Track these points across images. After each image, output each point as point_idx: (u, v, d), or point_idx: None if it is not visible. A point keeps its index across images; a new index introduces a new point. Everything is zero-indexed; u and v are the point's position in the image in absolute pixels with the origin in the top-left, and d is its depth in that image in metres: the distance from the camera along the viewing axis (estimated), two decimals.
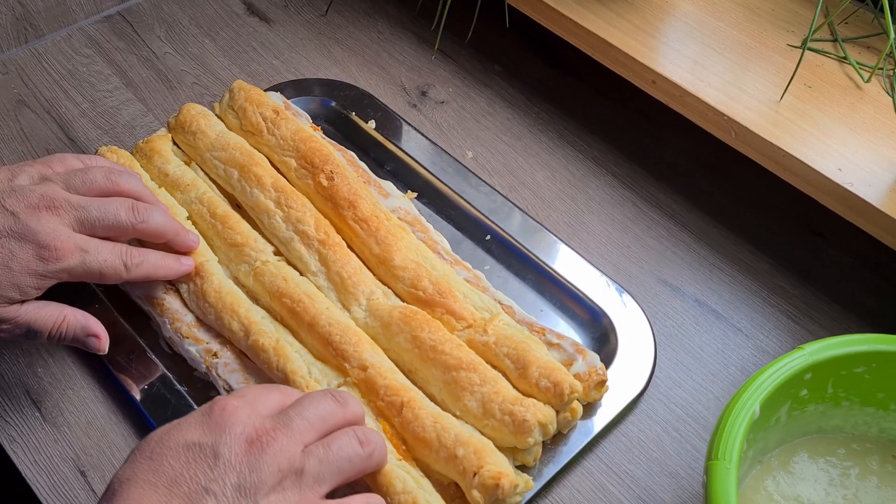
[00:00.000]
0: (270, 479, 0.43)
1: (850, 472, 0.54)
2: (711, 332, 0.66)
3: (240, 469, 0.42)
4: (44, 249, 0.52)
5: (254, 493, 0.42)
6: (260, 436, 0.44)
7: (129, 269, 0.56)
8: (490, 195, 0.72)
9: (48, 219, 0.53)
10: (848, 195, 0.62)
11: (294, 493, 0.43)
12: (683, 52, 0.72)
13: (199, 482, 0.42)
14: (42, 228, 0.52)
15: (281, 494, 0.43)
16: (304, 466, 0.44)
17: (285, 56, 0.85)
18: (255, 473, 0.43)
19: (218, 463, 0.42)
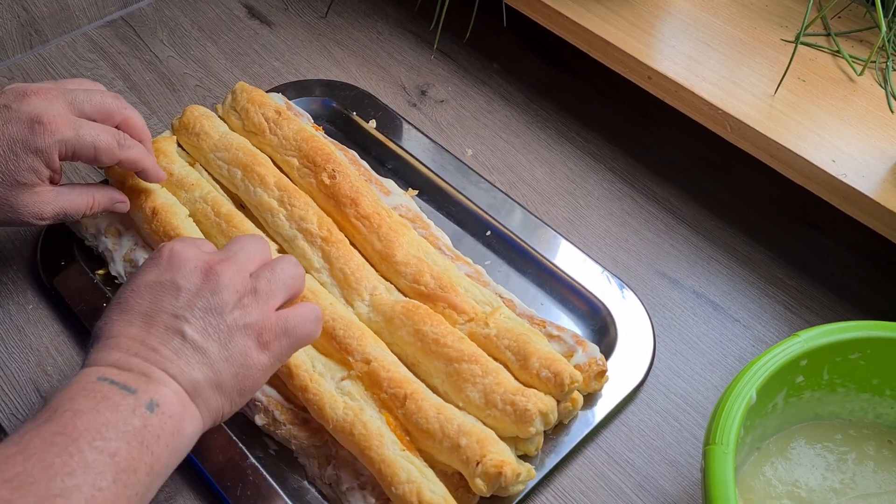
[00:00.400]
0: (232, 299, 0.49)
1: (847, 458, 0.55)
2: (709, 322, 0.67)
3: (202, 295, 0.48)
4: (38, 124, 0.55)
5: (220, 312, 0.48)
6: (212, 266, 0.50)
7: (122, 148, 0.59)
8: (490, 192, 0.73)
9: (38, 101, 0.57)
10: (841, 186, 0.63)
11: (254, 308, 0.50)
12: (679, 48, 0.73)
13: (169, 311, 0.48)
14: (33, 108, 0.56)
15: (243, 310, 0.49)
16: (256, 286, 0.50)
17: (286, 58, 0.86)
18: (217, 296, 0.49)
19: (181, 294, 0.48)
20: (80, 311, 0.64)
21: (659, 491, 0.58)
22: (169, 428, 0.45)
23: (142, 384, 0.45)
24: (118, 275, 0.66)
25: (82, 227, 0.67)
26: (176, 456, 0.46)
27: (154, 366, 0.46)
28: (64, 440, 0.41)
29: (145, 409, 0.44)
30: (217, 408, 0.48)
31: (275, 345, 0.50)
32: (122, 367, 0.46)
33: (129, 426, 0.43)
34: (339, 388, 0.57)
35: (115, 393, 0.44)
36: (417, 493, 0.52)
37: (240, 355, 0.48)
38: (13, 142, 0.55)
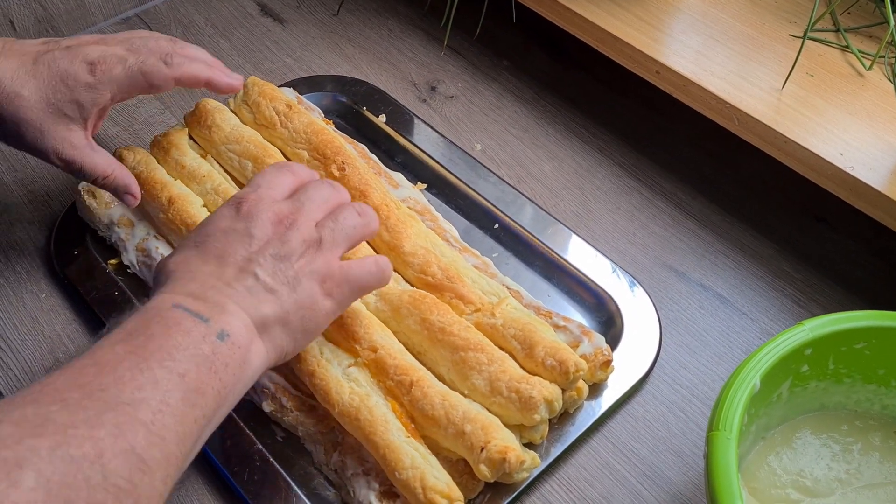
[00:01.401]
0: (299, 249, 0.52)
1: (853, 448, 0.55)
2: (716, 315, 0.67)
3: (272, 244, 0.51)
4: (93, 65, 0.59)
5: (288, 259, 0.51)
6: (282, 219, 0.53)
7: (171, 66, 0.62)
8: (498, 185, 0.73)
9: (95, 44, 0.60)
10: (849, 179, 0.63)
11: (318, 256, 0.52)
12: (687, 43, 0.73)
13: (242, 255, 0.50)
14: (92, 52, 0.60)
15: (309, 258, 0.52)
16: (321, 236, 0.53)
17: (298, 54, 0.87)
18: (286, 245, 0.51)
19: (253, 241, 0.51)
20: (93, 299, 0.65)
21: (664, 480, 0.58)
22: (237, 358, 0.47)
23: (214, 314, 0.47)
24: (130, 264, 0.67)
25: (95, 218, 0.68)
26: (241, 385, 0.48)
27: (228, 299, 0.48)
28: (135, 359, 0.43)
29: (216, 337, 0.46)
30: (282, 345, 0.51)
31: (337, 292, 0.53)
32: (198, 296, 0.48)
33: (199, 351, 0.45)
34: (345, 374, 0.57)
35: (187, 320, 0.46)
36: (421, 478, 0.52)
37: (306, 298, 0.51)
38: (68, 75, 0.58)
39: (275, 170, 0.56)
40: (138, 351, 0.43)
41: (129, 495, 0.39)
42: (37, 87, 0.58)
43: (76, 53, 0.59)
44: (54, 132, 0.59)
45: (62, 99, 0.58)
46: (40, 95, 0.58)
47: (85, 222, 0.70)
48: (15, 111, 0.57)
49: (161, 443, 0.41)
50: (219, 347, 0.46)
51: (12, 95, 0.57)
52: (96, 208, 0.68)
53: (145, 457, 0.40)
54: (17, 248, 0.70)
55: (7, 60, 0.58)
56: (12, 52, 0.58)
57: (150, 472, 0.40)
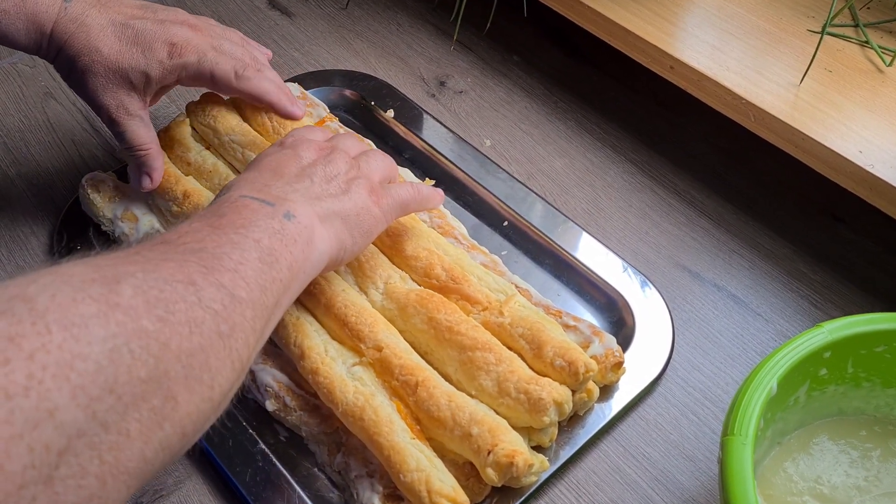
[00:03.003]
0: (343, 168, 0.56)
1: (872, 454, 0.54)
2: (731, 316, 0.65)
3: (319, 162, 0.55)
4: (174, 47, 0.62)
5: (335, 177, 0.55)
6: (323, 148, 0.57)
7: (240, 79, 0.64)
8: (508, 182, 0.72)
9: (187, 30, 0.63)
10: (869, 177, 0.62)
11: (361, 176, 0.56)
12: (702, 37, 0.72)
13: (295, 169, 0.54)
14: (178, 34, 0.62)
15: (353, 180, 0.55)
16: (359, 165, 0.57)
17: (306, 48, 0.86)
18: (332, 164, 0.55)
19: (303, 160, 0.55)
20: None
21: (675, 485, 0.56)
22: (304, 236, 0.49)
23: (280, 201, 0.50)
24: None
25: (98, 212, 0.67)
26: (310, 265, 0.50)
27: (290, 192, 0.52)
28: (210, 228, 0.45)
29: (282, 217, 0.49)
30: (342, 238, 0.53)
31: (384, 202, 0.56)
32: (261, 190, 0.51)
33: (269, 225, 0.47)
34: (350, 373, 0.56)
35: (254, 204, 0.49)
36: (426, 481, 0.51)
37: (360, 201, 0.54)
38: (148, 47, 0.61)
39: (305, 131, 0.60)
40: (213, 223, 0.46)
41: (225, 320, 0.40)
42: (117, 48, 0.60)
43: (164, 30, 0.62)
44: (115, 92, 0.61)
45: (134, 66, 0.61)
46: (117, 56, 0.60)
47: (88, 216, 0.69)
48: (90, 63, 0.60)
49: (246, 286, 0.43)
50: (286, 224, 0.48)
51: (92, 49, 0.60)
52: (100, 202, 0.67)
53: (234, 293, 0.41)
54: (20, 242, 0.69)
55: (101, 14, 0.61)
56: (109, 7, 0.61)
57: (241, 304, 0.42)
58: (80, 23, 0.60)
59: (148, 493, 0.56)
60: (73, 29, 0.60)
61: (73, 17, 0.60)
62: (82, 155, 0.76)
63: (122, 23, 0.61)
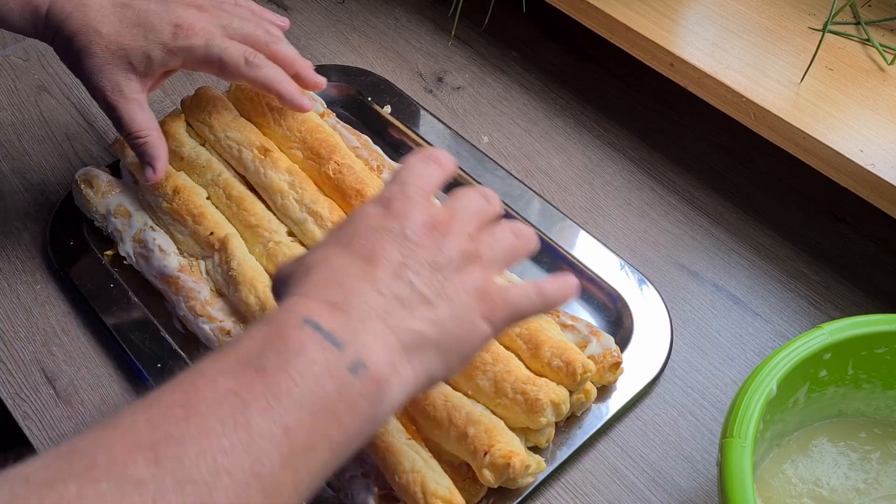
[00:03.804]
0: (456, 259, 0.45)
1: (871, 457, 0.53)
2: (729, 316, 0.65)
3: (428, 249, 0.44)
4: (179, 28, 0.58)
5: (443, 269, 0.44)
6: (437, 224, 0.45)
7: (250, 66, 0.60)
8: (506, 179, 0.71)
9: (194, 11, 0.60)
10: (870, 177, 0.61)
11: (478, 272, 0.45)
12: (702, 34, 0.71)
13: (395, 258, 0.43)
14: (185, 14, 0.59)
15: (467, 273, 0.45)
16: (478, 250, 0.46)
17: (302, 43, 0.85)
18: (443, 253, 0.44)
19: (406, 243, 0.44)
20: (88, 291, 0.64)
21: (673, 487, 0.56)
22: (370, 396, 0.39)
23: (354, 334, 0.39)
24: (127, 255, 0.65)
25: (91, 208, 0.67)
26: (371, 426, 0.40)
27: (375, 312, 0.41)
28: (235, 403, 0.35)
29: (347, 370, 0.38)
30: (432, 369, 0.43)
31: (496, 315, 0.45)
32: (337, 306, 0.40)
33: (321, 391, 0.37)
34: None
35: (315, 344, 0.38)
36: (422, 483, 0.50)
37: (465, 318, 0.44)
38: (151, 28, 0.58)
39: (420, 162, 0.49)
40: (243, 391, 0.35)
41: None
42: (117, 28, 0.58)
43: (168, 11, 0.59)
44: (112, 74, 0.58)
45: (135, 47, 0.58)
46: (116, 37, 0.58)
47: (81, 212, 0.68)
48: (88, 43, 0.57)
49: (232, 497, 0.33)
50: (349, 385, 0.38)
51: (90, 30, 0.57)
52: (93, 198, 0.67)
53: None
54: (13, 237, 0.69)
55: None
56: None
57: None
58: (78, 2, 0.58)
59: None
60: (69, 9, 0.58)
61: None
62: (76, 149, 0.76)
63: (123, 2, 0.58)
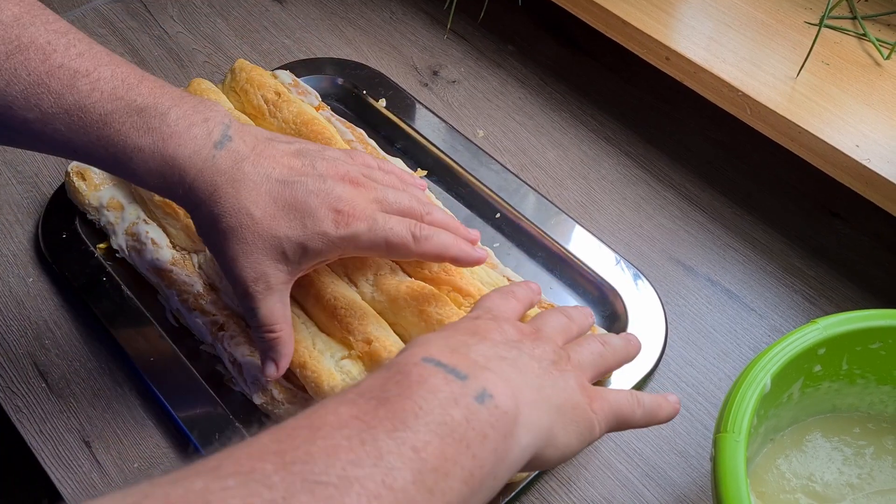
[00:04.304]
0: (551, 356, 0.44)
1: (865, 452, 0.53)
2: (724, 311, 0.65)
3: (527, 342, 0.44)
4: (339, 214, 0.50)
5: (542, 360, 0.44)
6: (528, 332, 0.46)
7: (418, 240, 0.52)
8: (501, 173, 0.71)
9: (349, 189, 0.51)
10: (865, 172, 0.61)
11: (571, 373, 0.44)
12: (698, 28, 0.71)
13: (498, 338, 0.43)
14: (344, 194, 0.51)
15: (563, 374, 0.44)
16: (569, 354, 0.46)
17: (297, 35, 0.85)
18: (539, 348, 0.44)
19: (507, 335, 0.44)
20: (81, 285, 0.63)
21: (667, 481, 0.56)
22: (501, 427, 0.37)
23: (475, 370, 0.38)
24: (119, 248, 0.65)
25: (84, 201, 0.66)
26: (505, 467, 0.37)
27: (493, 359, 0.41)
28: (360, 425, 0.34)
29: (473, 398, 0.37)
30: (554, 430, 0.41)
31: (598, 406, 0.44)
32: (456, 349, 0.40)
33: (448, 417, 0.35)
34: (338, 366, 0.55)
35: (437, 376, 0.37)
36: None
37: (573, 392, 0.43)
38: (309, 215, 0.49)
39: (499, 295, 0.50)
40: (366, 416, 0.34)
41: None
42: (272, 212, 0.49)
43: (327, 191, 0.50)
44: (259, 263, 0.50)
45: (291, 237, 0.49)
46: (271, 222, 0.49)
47: (74, 205, 0.68)
48: (237, 226, 0.49)
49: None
50: (476, 412, 0.36)
51: (243, 211, 0.48)
52: (85, 191, 0.66)
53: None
54: (4, 230, 0.68)
55: (256, 167, 0.49)
56: (264, 157, 0.50)
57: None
58: (231, 177, 0.48)
59: None
60: (220, 182, 0.48)
61: (223, 168, 0.48)
62: None
63: (279, 179, 0.49)
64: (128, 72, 0.49)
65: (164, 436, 0.57)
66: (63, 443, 0.57)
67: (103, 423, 0.58)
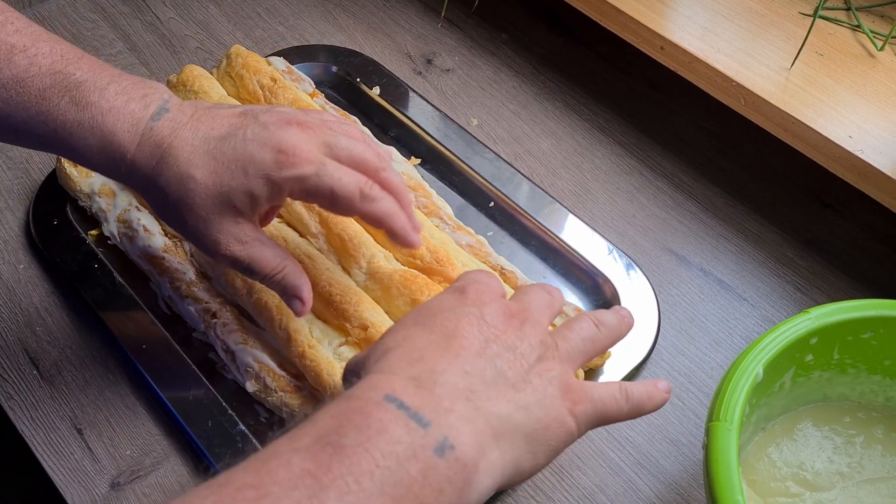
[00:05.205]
0: (537, 349, 0.43)
1: (855, 441, 0.54)
2: (717, 301, 0.65)
3: (509, 336, 0.43)
4: (282, 154, 0.48)
5: (525, 358, 0.42)
6: (515, 312, 0.44)
7: (364, 199, 0.50)
8: (495, 162, 0.71)
9: (296, 131, 0.49)
10: (858, 162, 0.61)
11: (557, 364, 0.43)
12: (693, 18, 0.71)
13: (478, 338, 0.42)
14: (287, 136, 0.49)
15: (547, 364, 0.43)
16: (556, 342, 0.44)
17: (290, 22, 0.84)
18: (523, 342, 0.43)
19: (488, 327, 0.42)
20: (72, 272, 0.63)
21: (659, 469, 0.56)
22: (458, 480, 0.36)
23: (439, 414, 0.37)
24: (111, 235, 0.64)
25: (75, 187, 0.66)
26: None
27: (460, 391, 0.39)
28: (311, 484, 0.33)
29: (433, 451, 0.36)
30: (520, 458, 0.40)
31: (580, 409, 0.43)
32: (422, 384, 0.39)
33: (404, 475, 0.35)
34: (336, 353, 0.55)
35: (398, 423, 0.36)
36: None
37: (550, 405, 0.41)
38: (251, 161, 0.48)
39: (483, 274, 0.48)
40: (319, 471, 0.33)
41: None
42: (213, 169, 0.48)
43: (268, 135, 0.49)
44: (220, 223, 0.49)
45: (236, 187, 0.48)
46: (214, 179, 0.48)
47: (65, 191, 0.67)
48: (183, 194, 0.48)
49: None
50: (434, 467, 0.36)
51: (184, 177, 0.48)
52: (77, 177, 0.66)
53: None
54: None
55: (193, 131, 0.49)
56: (202, 121, 0.49)
57: None
58: (169, 145, 0.48)
59: (125, 474, 0.55)
60: (160, 153, 0.48)
61: (161, 138, 0.48)
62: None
63: (219, 136, 0.49)
64: (66, 48, 0.49)
65: (157, 423, 0.57)
66: (55, 430, 0.57)
67: (95, 410, 0.58)
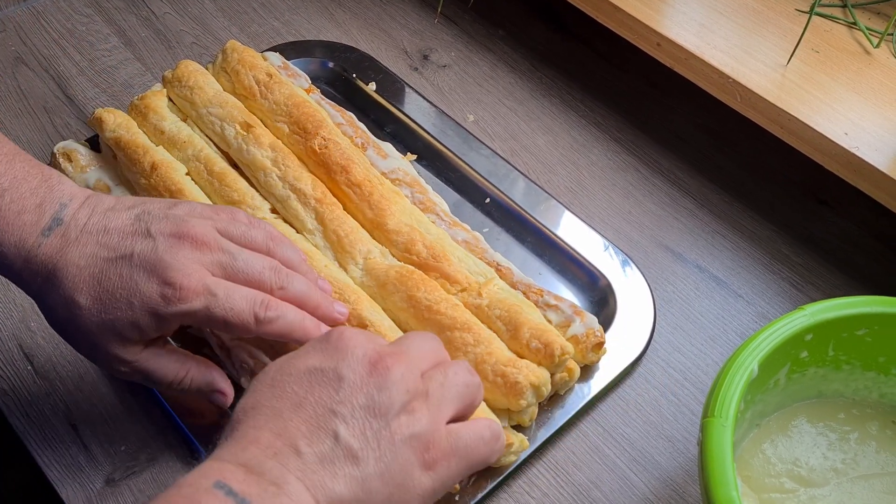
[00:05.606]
0: (400, 399, 0.41)
1: (850, 437, 0.54)
2: (712, 297, 0.65)
3: (367, 390, 0.41)
4: (168, 287, 0.46)
5: (384, 413, 0.41)
6: (382, 358, 0.43)
7: (260, 323, 0.48)
8: (491, 158, 0.71)
9: (188, 252, 0.48)
10: (853, 159, 0.61)
11: (424, 415, 0.42)
12: (690, 14, 0.71)
13: (325, 404, 0.41)
14: (175, 262, 0.47)
15: (412, 416, 0.42)
16: (428, 389, 0.43)
17: (286, 17, 0.84)
18: (384, 393, 0.41)
19: (343, 385, 0.41)
20: None
21: (654, 466, 0.56)
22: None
23: (268, 497, 0.37)
24: None
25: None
26: None
27: (291, 473, 0.39)
28: None
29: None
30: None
31: (441, 465, 0.42)
32: (253, 469, 0.38)
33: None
34: None
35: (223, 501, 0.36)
36: None
37: (399, 472, 0.40)
38: (135, 293, 0.46)
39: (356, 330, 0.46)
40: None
41: None
42: (98, 295, 0.46)
43: (157, 261, 0.47)
44: (107, 347, 0.48)
45: (121, 317, 0.46)
46: (99, 307, 0.46)
47: None
48: (70, 318, 0.47)
49: None
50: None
51: (69, 301, 0.47)
52: (71, 172, 0.66)
53: None
54: None
55: (81, 249, 0.47)
56: (91, 235, 0.47)
57: None
58: (54, 266, 0.47)
59: (120, 470, 0.55)
60: (46, 273, 0.47)
61: (47, 257, 0.47)
62: (54, 123, 0.74)
63: (106, 258, 0.47)
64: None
65: (152, 419, 0.57)
66: (49, 426, 0.56)
67: (90, 406, 0.57)
